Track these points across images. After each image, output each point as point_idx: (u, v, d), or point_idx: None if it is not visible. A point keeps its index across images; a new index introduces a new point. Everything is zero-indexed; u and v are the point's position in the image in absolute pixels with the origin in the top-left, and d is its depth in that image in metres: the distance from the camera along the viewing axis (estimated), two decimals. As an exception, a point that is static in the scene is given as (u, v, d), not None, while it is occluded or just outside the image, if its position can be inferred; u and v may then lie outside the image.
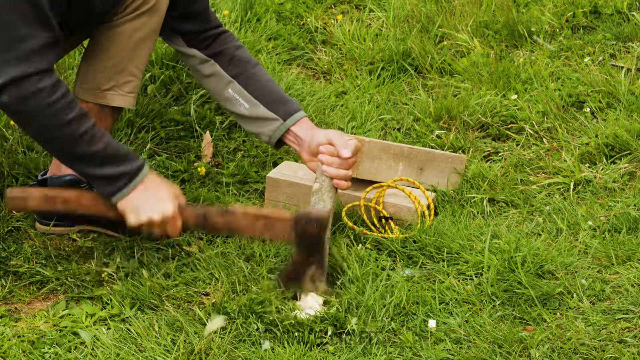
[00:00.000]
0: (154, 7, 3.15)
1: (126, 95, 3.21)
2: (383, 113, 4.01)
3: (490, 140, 3.80)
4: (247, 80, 3.21)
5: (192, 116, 3.93)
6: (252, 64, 3.23)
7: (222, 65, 3.22)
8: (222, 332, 2.78)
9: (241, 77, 3.21)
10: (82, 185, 3.26)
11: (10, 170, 3.55)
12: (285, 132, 3.16)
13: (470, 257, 3.05)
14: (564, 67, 4.13)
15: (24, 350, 2.78)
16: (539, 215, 3.32)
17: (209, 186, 3.59)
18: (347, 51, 4.45)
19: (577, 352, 2.66)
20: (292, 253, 2.94)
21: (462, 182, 3.49)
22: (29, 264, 3.15)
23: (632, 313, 2.79)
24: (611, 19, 4.42)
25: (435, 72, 4.25)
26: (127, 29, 3.15)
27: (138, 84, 3.26)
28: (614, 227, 3.20)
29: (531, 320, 2.80)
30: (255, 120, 3.19)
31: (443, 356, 2.68)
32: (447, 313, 2.85)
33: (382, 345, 2.74)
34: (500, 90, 4.00)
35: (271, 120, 3.16)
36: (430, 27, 4.50)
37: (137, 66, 3.22)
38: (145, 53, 3.22)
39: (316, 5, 4.81)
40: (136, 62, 3.21)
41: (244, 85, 3.20)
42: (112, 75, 3.18)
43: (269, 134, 3.17)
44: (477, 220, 3.31)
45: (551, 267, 3.01)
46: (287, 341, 2.75)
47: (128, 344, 2.77)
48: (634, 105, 3.77)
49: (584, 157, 3.59)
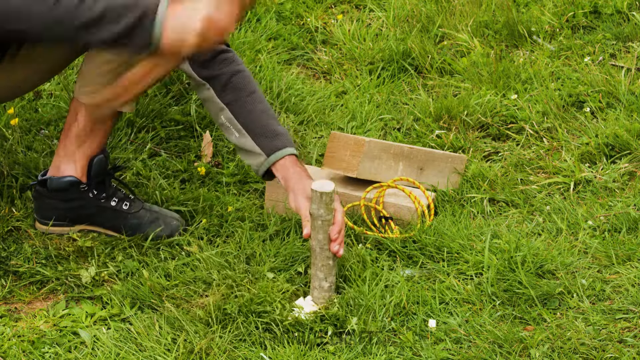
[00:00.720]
0: None
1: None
2: (383, 113, 4.01)
3: (490, 140, 3.80)
4: (239, 109, 3.15)
5: (192, 116, 3.93)
6: (247, 92, 3.16)
7: (215, 91, 3.16)
8: (222, 332, 2.78)
9: (234, 105, 3.15)
10: (82, 186, 3.26)
11: (10, 170, 3.55)
12: (269, 167, 3.10)
13: (471, 257, 3.05)
14: (564, 67, 4.13)
15: (24, 350, 2.78)
16: (539, 215, 3.32)
17: (209, 186, 3.59)
18: (347, 51, 4.45)
19: (577, 352, 2.66)
20: None
21: (462, 182, 3.49)
22: (29, 264, 3.15)
23: (632, 313, 2.79)
24: (611, 19, 4.42)
25: (435, 72, 4.25)
26: None
27: None
28: (614, 227, 3.20)
29: (531, 320, 2.80)
30: (243, 151, 3.16)
31: (443, 356, 2.68)
32: (447, 313, 2.85)
33: (382, 345, 2.74)
34: (500, 90, 4.00)
35: (256, 154, 3.12)
36: (430, 27, 4.50)
37: None
38: None
39: (316, 5, 4.81)
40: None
41: (235, 114, 3.15)
42: (113, 79, 3.17)
43: (255, 168, 3.14)
44: (477, 220, 3.31)
45: (551, 267, 3.01)
46: (287, 341, 2.75)
47: (128, 343, 2.77)
48: (634, 105, 3.77)
49: (584, 157, 3.59)
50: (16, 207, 3.41)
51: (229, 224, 3.33)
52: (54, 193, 3.26)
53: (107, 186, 3.32)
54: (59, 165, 3.27)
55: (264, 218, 3.35)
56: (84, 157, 3.27)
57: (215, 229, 3.32)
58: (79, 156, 3.26)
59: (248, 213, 3.38)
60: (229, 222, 3.34)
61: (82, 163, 3.26)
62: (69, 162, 3.26)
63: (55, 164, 3.28)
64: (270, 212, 3.37)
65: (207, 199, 3.46)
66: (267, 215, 3.36)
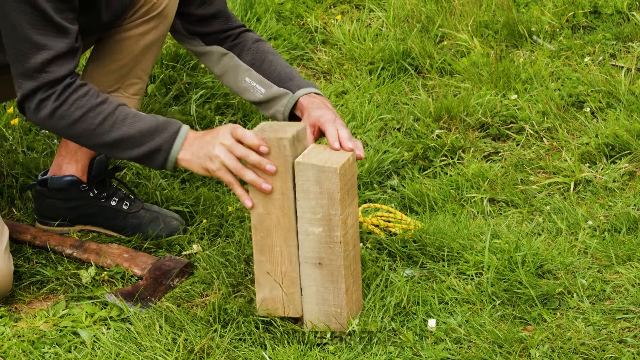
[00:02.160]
0: (163, 12, 3.16)
1: (131, 98, 3.21)
2: (383, 113, 4.01)
3: (490, 140, 3.80)
4: (263, 66, 3.14)
5: (193, 116, 3.93)
6: (270, 52, 3.17)
7: (239, 55, 3.16)
8: (222, 332, 2.78)
9: (257, 63, 3.14)
10: (83, 186, 3.27)
11: (10, 170, 3.55)
12: (295, 104, 3.05)
13: (471, 257, 3.05)
14: (564, 67, 4.13)
15: (24, 350, 2.78)
16: (539, 215, 3.32)
17: (209, 186, 3.59)
18: (347, 51, 4.45)
19: (577, 352, 2.66)
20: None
21: (462, 181, 3.50)
22: (29, 264, 3.15)
23: (632, 313, 2.79)
24: (611, 19, 4.42)
25: (435, 72, 4.25)
26: (135, 33, 3.15)
27: (143, 87, 3.27)
28: (613, 227, 3.21)
29: (531, 320, 2.80)
30: (270, 102, 3.10)
31: (443, 356, 2.68)
32: (447, 313, 2.85)
33: (382, 345, 2.74)
34: (500, 90, 4.00)
35: (283, 96, 3.06)
36: (430, 27, 4.50)
37: (143, 69, 3.23)
38: (151, 57, 3.23)
39: (316, 5, 4.81)
40: (142, 66, 3.23)
41: (260, 70, 3.13)
42: (118, 77, 3.18)
43: (282, 110, 3.06)
44: (477, 220, 3.32)
45: (551, 267, 3.01)
46: (287, 341, 2.75)
47: (128, 343, 2.77)
48: (634, 105, 3.77)
49: (584, 157, 3.59)
50: (16, 207, 3.41)
51: (229, 224, 3.33)
52: (54, 192, 3.26)
53: (108, 186, 3.32)
54: (60, 164, 3.27)
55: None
56: (86, 157, 3.27)
57: (215, 229, 3.32)
58: (81, 156, 3.26)
59: (248, 213, 3.38)
60: (229, 222, 3.34)
61: (83, 162, 3.27)
62: (70, 161, 3.26)
63: (57, 162, 3.29)
64: None
65: (207, 199, 3.46)
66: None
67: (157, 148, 2.75)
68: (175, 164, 2.76)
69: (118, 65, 3.17)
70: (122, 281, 3.09)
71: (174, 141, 2.75)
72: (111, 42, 3.16)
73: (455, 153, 3.69)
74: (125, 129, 2.76)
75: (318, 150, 2.72)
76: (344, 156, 2.70)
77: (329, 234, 2.68)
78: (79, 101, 2.76)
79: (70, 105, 2.75)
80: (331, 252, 2.70)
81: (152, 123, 2.77)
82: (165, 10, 3.15)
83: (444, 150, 3.70)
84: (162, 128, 2.76)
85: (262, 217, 2.71)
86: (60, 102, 2.75)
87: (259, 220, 2.71)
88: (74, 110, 2.75)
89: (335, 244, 2.69)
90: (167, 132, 2.76)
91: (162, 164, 2.77)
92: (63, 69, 2.75)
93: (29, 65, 2.73)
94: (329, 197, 2.65)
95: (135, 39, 3.16)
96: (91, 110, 2.76)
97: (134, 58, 3.18)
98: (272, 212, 2.69)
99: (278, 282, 2.75)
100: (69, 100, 2.76)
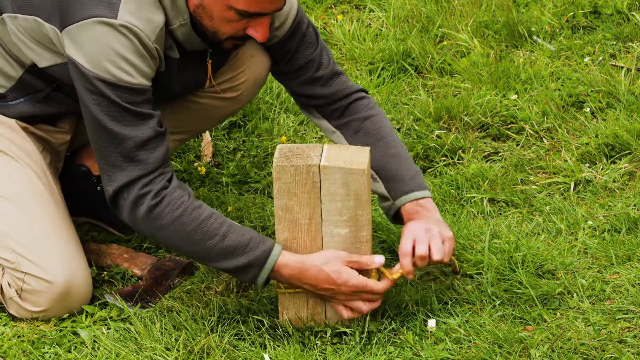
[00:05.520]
0: (238, 98, 3.20)
1: (172, 141, 3.18)
2: (383, 113, 4.01)
3: (490, 140, 3.80)
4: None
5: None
6: (377, 136, 3.01)
7: (347, 137, 3.04)
8: (222, 332, 2.78)
9: None
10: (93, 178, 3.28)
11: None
12: (397, 211, 2.95)
13: (471, 257, 3.05)
14: (564, 67, 4.13)
15: (24, 350, 2.78)
16: (539, 215, 3.32)
17: (209, 186, 3.59)
18: (347, 51, 4.45)
19: (577, 352, 2.66)
20: None
21: (462, 181, 3.50)
22: (29, 264, 3.15)
23: (632, 313, 2.79)
24: (611, 19, 4.42)
25: (435, 72, 4.25)
26: (204, 103, 3.19)
27: (187, 139, 3.37)
28: (613, 227, 3.20)
29: (531, 320, 2.80)
30: (378, 196, 3.02)
31: (443, 356, 2.68)
32: (447, 313, 2.85)
33: (382, 345, 2.74)
34: (500, 90, 4.00)
35: (385, 199, 2.97)
36: (430, 27, 4.50)
37: (197, 129, 3.33)
38: (209, 125, 3.37)
39: (316, 5, 4.82)
40: (198, 126, 3.32)
41: None
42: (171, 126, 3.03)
43: (385, 212, 3.01)
44: (477, 220, 3.32)
45: (551, 267, 3.01)
46: (287, 341, 2.75)
47: (128, 343, 2.77)
48: (634, 105, 3.77)
49: (584, 157, 3.59)
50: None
51: (229, 224, 3.33)
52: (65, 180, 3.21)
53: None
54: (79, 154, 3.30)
55: (264, 218, 3.35)
56: None
57: (215, 229, 3.32)
58: None
59: (248, 213, 3.38)
60: (229, 222, 3.34)
61: None
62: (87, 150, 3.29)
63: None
64: None
65: (207, 199, 3.46)
66: (267, 216, 3.36)
67: (247, 264, 2.69)
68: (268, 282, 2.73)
69: (176, 118, 3.17)
70: (122, 281, 3.09)
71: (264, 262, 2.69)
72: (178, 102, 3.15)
73: (455, 153, 3.69)
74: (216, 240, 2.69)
75: (336, 151, 2.71)
76: (364, 155, 2.70)
77: (355, 234, 2.70)
78: (174, 202, 2.68)
79: (166, 206, 2.67)
80: (357, 252, 2.72)
81: (244, 238, 2.69)
82: (241, 97, 3.20)
83: (444, 150, 3.70)
84: (254, 245, 2.69)
85: (288, 242, 2.72)
86: (157, 200, 2.67)
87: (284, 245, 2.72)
88: (168, 211, 2.67)
89: (362, 244, 2.71)
90: (258, 249, 2.69)
91: (252, 281, 2.72)
92: (153, 157, 2.68)
93: (119, 153, 2.66)
94: (356, 197, 2.66)
95: (203, 107, 3.19)
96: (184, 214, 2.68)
97: (194, 120, 3.22)
98: (298, 237, 2.71)
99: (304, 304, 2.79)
100: (164, 201, 2.67)
